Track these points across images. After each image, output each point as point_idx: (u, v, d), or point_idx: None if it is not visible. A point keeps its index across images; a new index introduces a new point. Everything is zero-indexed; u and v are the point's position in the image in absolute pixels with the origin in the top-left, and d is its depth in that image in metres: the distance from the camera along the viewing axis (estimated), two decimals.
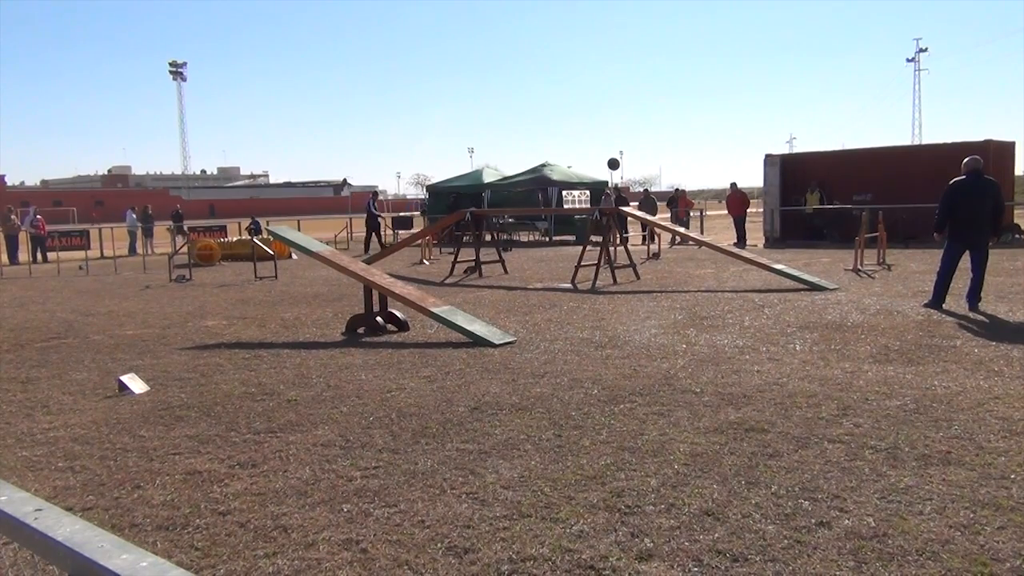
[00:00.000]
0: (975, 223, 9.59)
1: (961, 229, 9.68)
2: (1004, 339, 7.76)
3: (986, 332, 8.17)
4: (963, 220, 9.62)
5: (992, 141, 21.15)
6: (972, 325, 8.65)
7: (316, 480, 4.52)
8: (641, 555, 3.44)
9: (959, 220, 9.64)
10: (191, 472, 4.73)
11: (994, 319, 8.92)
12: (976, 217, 9.57)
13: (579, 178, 31.20)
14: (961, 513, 3.75)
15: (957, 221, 9.66)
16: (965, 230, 9.66)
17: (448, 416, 5.70)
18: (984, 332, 8.18)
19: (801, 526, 3.67)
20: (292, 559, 3.53)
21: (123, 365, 7.90)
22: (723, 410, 5.59)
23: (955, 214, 9.64)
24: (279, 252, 19.77)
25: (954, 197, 9.63)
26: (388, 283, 9.78)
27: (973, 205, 9.56)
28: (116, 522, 4.00)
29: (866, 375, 6.48)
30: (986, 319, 8.96)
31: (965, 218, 9.60)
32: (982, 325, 8.61)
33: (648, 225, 18.91)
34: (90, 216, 65.30)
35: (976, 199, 9.54)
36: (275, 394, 6.57)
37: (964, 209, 9.58)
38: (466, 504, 4.08)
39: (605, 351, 7.85)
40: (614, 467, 4.54)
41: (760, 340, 8.14)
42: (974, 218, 9.58)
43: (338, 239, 28.79)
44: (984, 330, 8.31)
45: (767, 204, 24.01)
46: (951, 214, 9.68)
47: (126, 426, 5.76)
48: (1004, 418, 5.19)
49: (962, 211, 9.59)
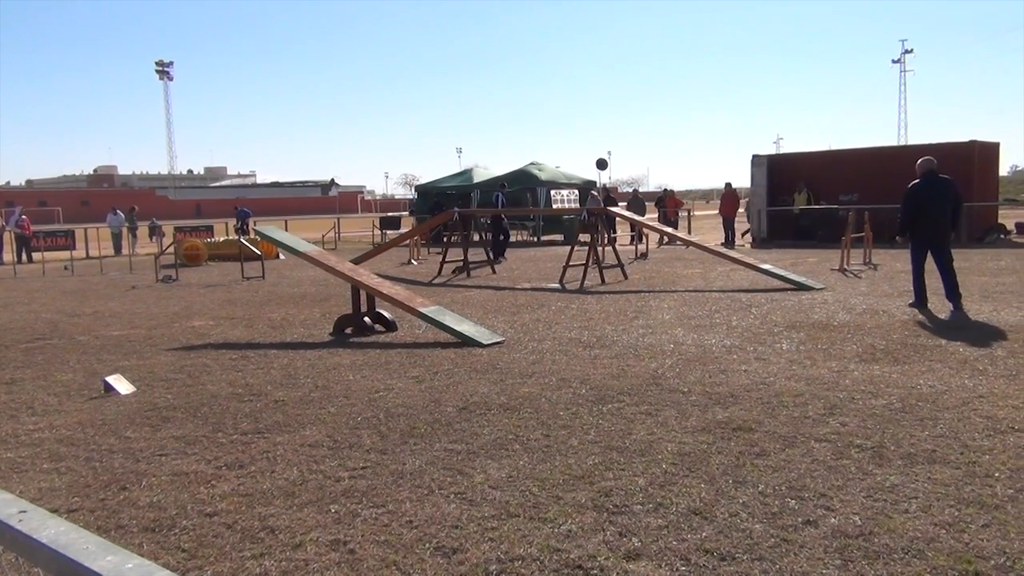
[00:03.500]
0: (936, 223, 9.78)
1: (923, 230, 9.87)
2: (989, 338, 7.81)
3: (971, 331, 8.23)
4: (925, 221, 9.80)
5: (976, 142, 21.32)
6: (957, 324, 8.70)
7: (304, 481, 4.50)
8: (629, 554, 3.44)
9: (921, 221, 9.83)
10: (178, 473, 4.71)
11: (979, 318, 8.98)
12: (936, 217, 9.76)
13: (567, 178, 31.22)
14: (946, 511, 3.78)
15: (919, 222, 9.84)
16: (927, 230, 9.84)
17: (436, 416, 5.70)
18: (969, 331, 8.23)
19: (788, 525, 3.68)
20: (279, 560, 3.52)
21: (109, 366, 7.86)
22: (710, 409, 5.61)
23: (916, 216, 9.81)
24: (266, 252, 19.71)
25: (915, 200, 9.80)
26: (376, 283, 9.76)
27: (933, 206, 9.74)
28: (102, 524, 3.98)
29: (852, 374, 6.51)
30: (971, 318, 9.02)
31: (926, 219, 9.78)
32: (967, 324, 8.67)
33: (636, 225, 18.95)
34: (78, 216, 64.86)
35: (935, 200, 9.73)
36: (262, 395, 6.55)
37: (925, 210, 9.76)
38: (454, 504, 4.07)
39: (593, 351, 7.86)
40: (602, 467, 4.54)
41: (747, 340, 8.17)
42: (935, 218, 9.76)
43: (326, 239, 28.73)
44: (969, 329, 8.36)
45: (754, 204, 24.10)
46: (914, 216, 9.83)
47: (112, 427, 5.73)
48: (989, 417, 5.23)
49: (923, 212, 9.77)
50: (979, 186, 20.95)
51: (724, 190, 25.88)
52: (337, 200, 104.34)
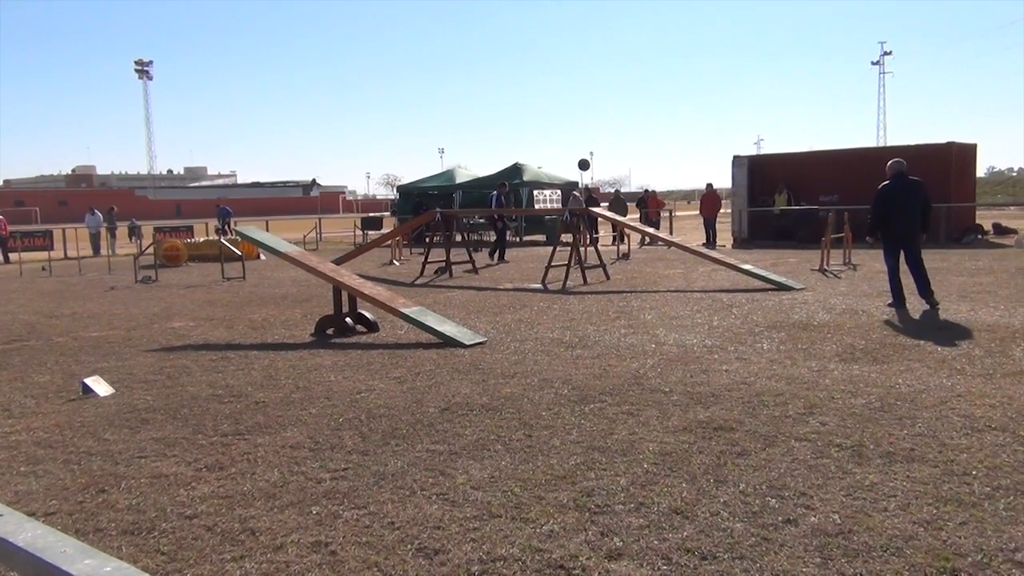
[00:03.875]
0: (906, 223, 9.92)
1: (893, 230, 10.00)
2: (966, 338, 7.89)
3: (949, 331, 8.31)
4: (895, 222, 9.94)
5: (954, 143, 21.53)
6: (935, 324, 8.79)
7: (285, 482, 4.48)
8: (611, 554, 3.45)
9: (891, 222, 9.97)
10: (157, 475, 4.67)
11: (956, 318, 9.07)
12: (907, 217, 9.90)
13: (550, 178, 31.25)
14: (924, 509, 3.81)
15: (890, 223, 9.98)
16: (897, 231, 9.98)
17: (418, 417, 5.69)
18: (947, 331, 8.32)
19: (768, 523, 3.70)
20: (260, 562, 3.50)
21: (87, 367, 7.79)
22: (692, 409, 5.63)
23: (887, 216, 9.94)
24: (247, 253, 19.60)
25: (885, 200, 9.94)
26: (357, 284, 9.73)
27: (903, 206, 9.88)
28: (80, 527, 3.94)
29: (832, 374, 6.56)
30: (949, 318, 9.10)
31: (897, 219, 9.92)
32: (945, 324, 8.76)
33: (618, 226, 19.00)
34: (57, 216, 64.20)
35: (905, 200, 9.87)
36: (243, 396, 6.51)
37: (895, 211, 9.90)
38: (436, 505, 4.07)
39: (575, 351, 7.87)
40: (584, 467, 4.55)
41: (728, 340, 8.21)
42: (905, 219, 9.90)
43: (307, 240, 28.60)
44: (947, 329, 8.44)
45: (735, 205, 24.23)
46: (884, 217, 9.95)
47: (90, 429, 5.68)
48: (966, 416, 5.28)
49: (893, 213, 9.91)
50: (956, 187, 21.18)
51: (705, 191, 26.00)
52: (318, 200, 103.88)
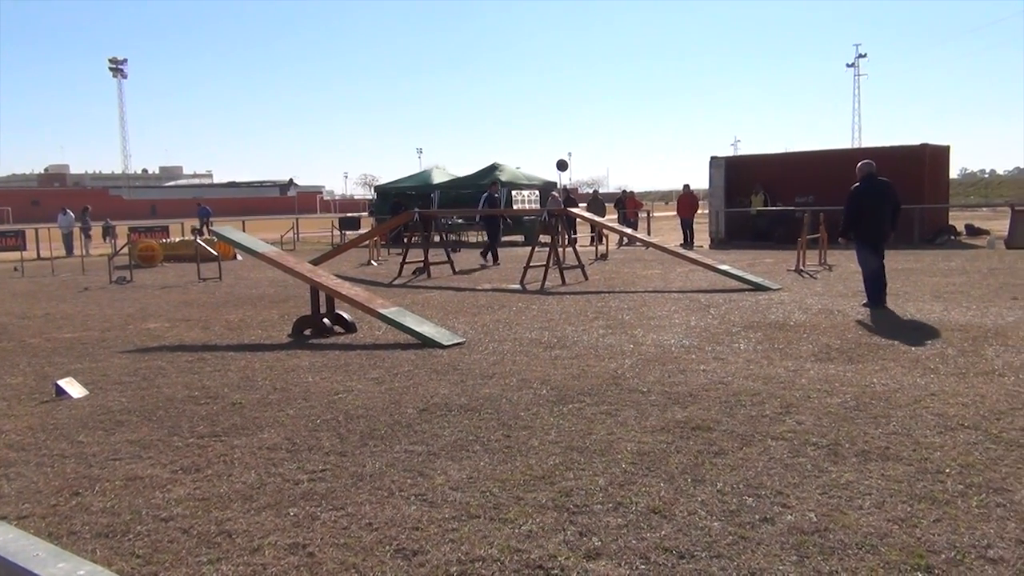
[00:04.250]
0: (878, 224, 10.07)
1: (868, 230, 10.13)
2: (939, 338, 7.99)
3: (922, 331, 8.41)
4: (868, 222, 10.08)
5: (928, 145, 21.78)
6: (909, 324, 8.88)
7: (262, 484, 4.45)
8: (589, 554, 3.46)
9: (865, 222, 10.10)
10: (132, 478, 4.63)
11: (930, 318, 9.17)
12: (879, 218, 10.04)
13: (528, 179, 31.27)
14: (899, 507, 3.85)
15: (863, 223, 10.11)
16: (871, 231, 10.11)
17: (396, 418, 5.67)
18: (920, 331, 8.41)
19: (745, 522, 3.73)
20: (237, 565, 3.48)
21: (60, 369, 7.70)
22: (669, 409, 5.66)
23: (860, 217, 10.08)
24: (223, 253, 19.45)
25: (858, 201, 10.07)
26: (335, 284, 9.69)
27: (875, 207, 10.03)
28: (53, 530, 3.89)
29: (808, 373, 6.62)
30: (922, 318, 9.21)
31: (869, 220, 10.06)
32: (919, 324, 8.85)
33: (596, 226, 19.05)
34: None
35: (877, 201, 10.03)
36: (219, 397, 6.46)
37: (868, 212, 10.04)
38: (415, 506, 4.06)
39: (553, 351, 7.88)
40: (562, 467, 4.56)
41: (705, 340, 8.25)
42: (877, 219, 10.05)
43: (284, 240, 28.45)
44: (920, 329, 8.54)
45: (712, 206, 24.37)
46: (857, 218, 10.09)
47: (64, 432, 5.61)
48: (940, 414, 5.34)
49: (866, 214, 10.05)
50: (930, 188, 21.43)
51: (682, 192, 26.13)
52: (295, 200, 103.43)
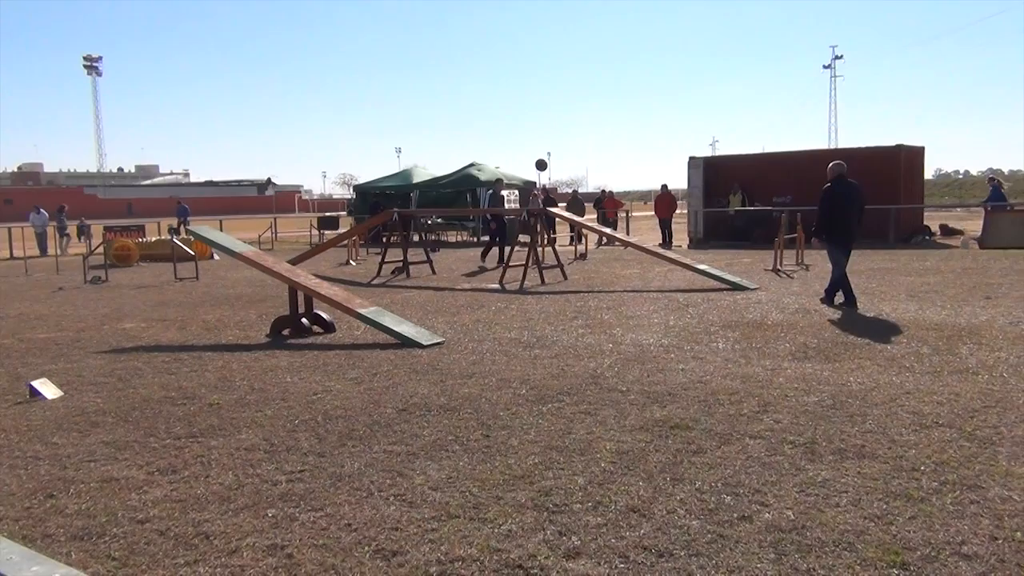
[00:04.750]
0: (848, 224, 10.20)
1: (839, 230, 10.26)
2: (914, 337, 8.07)
3: (898, 330, 8.49)
4: (840, 221, 10.21)
5: (903, 146, 22.00)
6: (885, 323, 8.97)
7: (239, 485, 4.42)
8: (569, 553, 3.46)
9: (837, 222, 10.23)
10: (108, 479, 4.58)
11: (905, 317, 9.27)
12: (849, 218, 10.19)
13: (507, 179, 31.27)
14: (875, 504, 3.89)
15: (835, 223, 10.25)
16: (842, 230, 10.25)
17: (375, 418, 5.65)
18: (896, 330, 8.50)
19: (724, 520, 3.75)
20: (215, 567, 3.45)
21: (34, 370, 7.61)
22: (649, 408, 5.68)
23: (833, 217, 10.21)
24: (200, 252, 19.30)
25: (832, 201, 10.21)
26: (314, 284, 9.64)
27: (846, 207, 10.17)
28: (27, 533, 3.84)
29: (785, 372, 6.67)
30: (898, 317, 9.30)
31: (841, 219, 10.20)
32: (894, 323, 8.94)
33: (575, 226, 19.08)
34: None
35: (848, 202, 10.17)
36: (196, 398, 6.41)
37: (839, 212, 10.19)
38: (394, 506, 4.05)
39: (533, 351, 7.89)
40: (542, 466, 4.56)
41: (684, 339, 8.29)
42: (847, 219, 10.19)
43: (262, 239, 28.27)
44: (896, 328, 8.63)
45: (691, 205, 24.48)
46: (831, 218, 10.23)
47: (37, 433, 5.54)
48: (915, 412, 5.40)
49: (838, 214, 10.19)
50: (905, 189, 21.65)
51: (660, 192, 26.24)
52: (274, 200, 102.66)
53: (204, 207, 69.18)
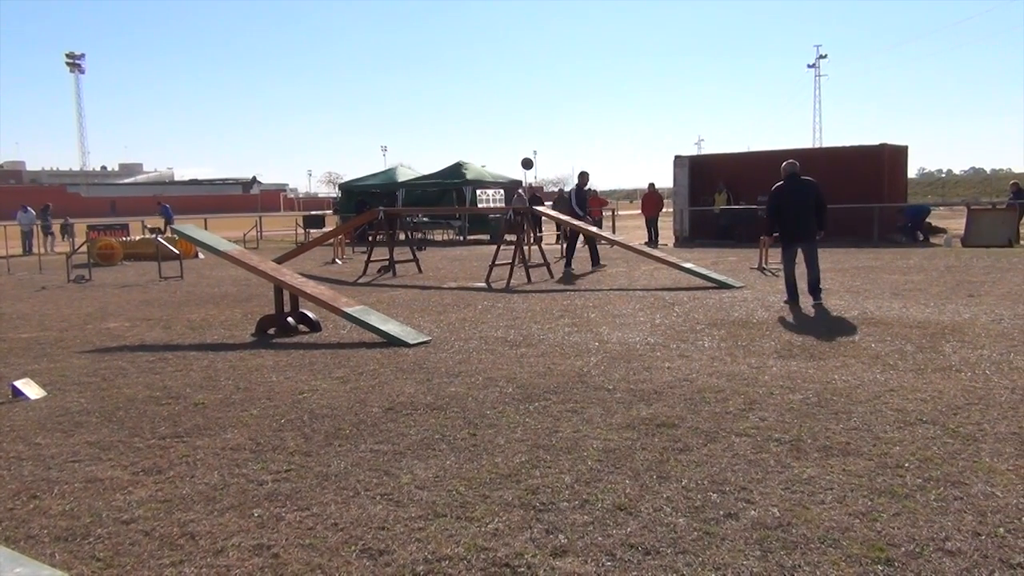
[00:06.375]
0: (800, 222, 10.22)
1: (789, 229, 10.32)
2: (898, 335, 8.13)
3: (882, 328, 8.55)
4: (789, 220, 10.26)
5: (887, 145, 22.13)
6: (869, 321, 9.02)
7: (225, 485, 4.40)
8: (556, 551, 3.47)
9: (786, 221, 10.28)
10: (92, 480, 4.55)
11: (889, 315, 9.33)
12: (800, 216, 10.21)
13: (493, 177, 31.28)
14: (860, 501, 3.91)
15: (785, 222, 10.30)
16: (792, 229, 10.30)
17: (362, 417, 5.64)
18: (880, 328, 8.55)
19: (710, 518, 3.76)
20: (200, 567, 3.43)
21: (17, 370, 7.54)
22: (635, 406, 5.69)
23: (782, 216, 10.28)
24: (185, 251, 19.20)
25: (778, 200, 10.28)
26: (299, 283, 9.60)
27: (796, 206, 10.21)
28: (10, 535, 3.81)
29: (771, 370, 6.70)
30: (882, 315, 9.36)
31: (790, 218, 10.24)
32: (878, 322, 9.00)
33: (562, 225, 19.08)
34: None
35: (798, 200, 10.20)
36: (181, 398, 6.38)
37: (788, 210, 10.23)
38: (380, 505, 4.04)
39: (519, 350, 7.89)
40: (529, 465, 4.57)
41: (670, 337, 8.31)
42: (799, 217, 10.21)
43: (247, 238, 28.14)
44: (880, 326, 8.68)
45: (676, 204, 24.55)
46: (778, 216, 10.30)
47: (20, 434, 5.50)
48: (899, 410, 5.44)
49: (787, 212, 10.24)
50: (889, 187, 21.78)
51: (646, 190, 26.29)
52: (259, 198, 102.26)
53: (188, 205, 68.82)
